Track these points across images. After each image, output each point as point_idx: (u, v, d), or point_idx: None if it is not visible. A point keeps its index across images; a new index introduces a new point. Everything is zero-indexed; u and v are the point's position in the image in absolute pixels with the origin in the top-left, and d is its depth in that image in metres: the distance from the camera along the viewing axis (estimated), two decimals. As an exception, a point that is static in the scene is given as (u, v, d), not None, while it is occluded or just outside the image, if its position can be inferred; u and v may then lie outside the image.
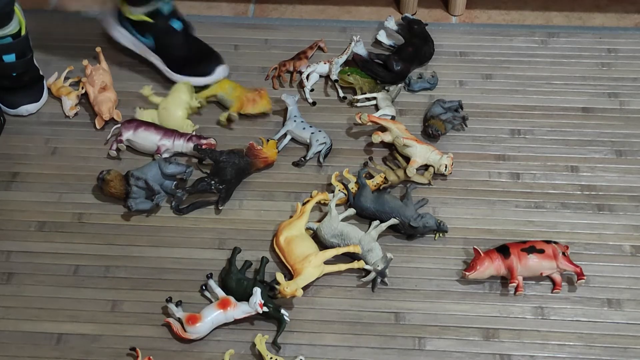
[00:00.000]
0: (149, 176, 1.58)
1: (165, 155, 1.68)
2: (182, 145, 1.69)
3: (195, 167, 1.68)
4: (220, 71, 1.84)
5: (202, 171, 1.68)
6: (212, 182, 1.59)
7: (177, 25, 1.81)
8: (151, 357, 1.37)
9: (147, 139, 1.69)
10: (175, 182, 1.60)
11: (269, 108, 1.78)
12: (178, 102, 1.75)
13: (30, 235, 1.58)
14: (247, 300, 1.41)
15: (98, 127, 1.77)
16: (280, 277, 1.43)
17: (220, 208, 1.60)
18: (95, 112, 1.79)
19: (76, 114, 1.80)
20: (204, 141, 1.69)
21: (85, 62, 1.85)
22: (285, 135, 1.74)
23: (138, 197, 1.58)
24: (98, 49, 1.88)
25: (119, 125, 1.71)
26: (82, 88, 1.82)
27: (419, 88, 1.86)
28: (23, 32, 1.76)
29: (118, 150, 1.70)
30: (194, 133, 1.71)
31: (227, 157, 1.63)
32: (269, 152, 1.67)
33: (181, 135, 1.70)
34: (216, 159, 1.63)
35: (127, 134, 1.69)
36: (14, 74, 1.78)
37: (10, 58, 1.75)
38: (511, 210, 1.61)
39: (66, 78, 1.86)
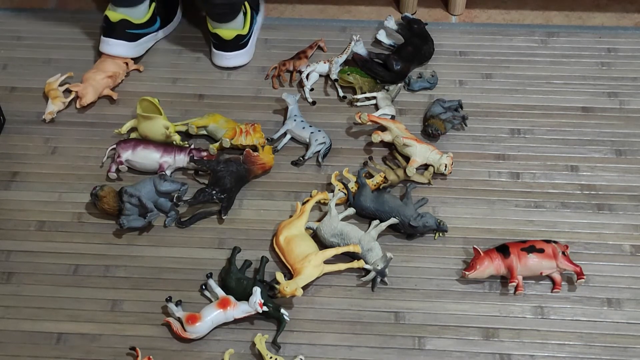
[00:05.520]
0: (143, 193, 1.56)
1: (168, 172, 1.65)
2: (184, 160, 1.66)
3: (192, 178, 1.67)
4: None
5: (199, 182, 1.66)
6: (213, 192, 1.57)
7: None
8: (151, 357, 1.37)
9: (147, 157, 1.65)
10: (177, 196, 1.57)
11: (262, 142, 1.69)
12: (156, 128, 1.69)
13: (30, 234, 1.58)
14: (247, 299, 1.41)
15: (78, 106, 1.79)
16: (280, 276, 1.43)
17: (223, 217, 1.59)
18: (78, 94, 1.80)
19: (52, 120, 1.79)
20: (204, 153, 1.67)
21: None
22: (285, 134, 1.74)
23: (131, 214, 1.55)
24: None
25: (114, 145, 1.67)
26: (71, 96, 1.81)
27: (419, 87, 1.86)
28: None
29: (118, 171, 1.66)
30: (192, 147, 1.68)
31: (225, 166, 1.61)
32: (266, 158, 1.65)
33: (181, 149, 1.66)
34: (214, 168, 1.61)
35: (126, 154, 1.65)
36: None
37: None
38: (511, 209, 1.61)
39: (63, 83, 1.84)
